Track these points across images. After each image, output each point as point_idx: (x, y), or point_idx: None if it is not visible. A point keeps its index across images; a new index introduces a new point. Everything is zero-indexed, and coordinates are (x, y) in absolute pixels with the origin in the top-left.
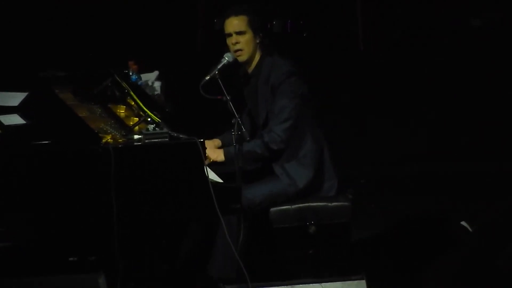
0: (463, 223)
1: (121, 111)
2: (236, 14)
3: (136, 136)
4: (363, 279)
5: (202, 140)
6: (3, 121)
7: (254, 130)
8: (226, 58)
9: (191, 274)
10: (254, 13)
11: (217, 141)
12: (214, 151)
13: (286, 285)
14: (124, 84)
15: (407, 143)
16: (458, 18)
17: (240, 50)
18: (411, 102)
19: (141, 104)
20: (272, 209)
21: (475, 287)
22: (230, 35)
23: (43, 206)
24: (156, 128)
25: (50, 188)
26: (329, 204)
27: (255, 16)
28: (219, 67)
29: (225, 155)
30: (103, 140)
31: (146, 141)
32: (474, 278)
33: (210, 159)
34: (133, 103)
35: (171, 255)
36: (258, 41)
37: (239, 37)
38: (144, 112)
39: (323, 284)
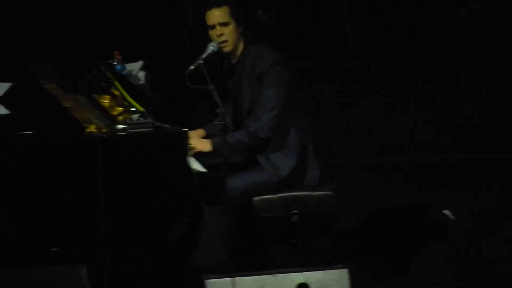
0: (445, 211)
1: (106, 101)
2: (218, 5)
3: (120, 126)
4: (345, 269)
5: (186, 130)
6: None
7: (238, 120)
8: (211, 47)
9: (178, 265)
10: (235, 4)
11: (201, 131)
12: (200, 141)
13: (269, 274)
14: (108, 74)
15: (394, 134)
16: (445, 9)
17: (225, 41)
18: (398, 92)
19: (125, 94)
20: (256, 198)
21: (462, 275)
22: (213, 27)
23: (28, 197)
24: (141, 118)
25: (35, 178)
26: (313, 193)
27: (236, 6)
28: (203, 56)
29: (212, 145)
30: (87, 130)
31: (130, 131)
32: (462, 266)
33: (196, 149)
34: (117, 93)
35: (157, 246)
36: (240, 31)
37: (223, 28)
38: (129, 102)
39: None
